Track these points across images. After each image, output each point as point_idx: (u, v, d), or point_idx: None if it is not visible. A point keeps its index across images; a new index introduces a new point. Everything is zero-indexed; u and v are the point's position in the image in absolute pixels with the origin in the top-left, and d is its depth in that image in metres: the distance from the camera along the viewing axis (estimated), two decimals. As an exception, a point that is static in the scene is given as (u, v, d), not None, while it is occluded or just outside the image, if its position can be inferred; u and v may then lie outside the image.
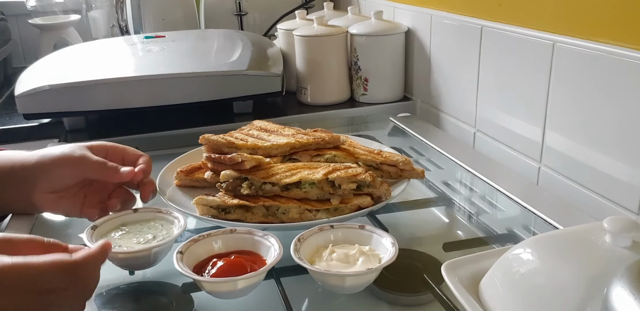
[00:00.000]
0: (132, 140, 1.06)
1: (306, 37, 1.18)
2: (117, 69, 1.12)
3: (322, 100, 1.22)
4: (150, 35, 1.32)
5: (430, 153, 0.98)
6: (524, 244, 0.52)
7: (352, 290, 0.60)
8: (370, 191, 0.72)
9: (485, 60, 0.95)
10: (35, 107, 1.05)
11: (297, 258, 0.59)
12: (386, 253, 0.60)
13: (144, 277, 0.66)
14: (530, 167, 0.88)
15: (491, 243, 0.73)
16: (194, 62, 1.14)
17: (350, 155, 0.80)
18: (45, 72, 1.12)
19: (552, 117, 0.82)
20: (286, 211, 0.70)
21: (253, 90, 1.11)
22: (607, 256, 0.46)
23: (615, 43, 0.70)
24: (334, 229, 0.64)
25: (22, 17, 1.71)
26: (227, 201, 0.70)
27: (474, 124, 1.02)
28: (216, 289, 0.58)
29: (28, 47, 1.75)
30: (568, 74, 0.78)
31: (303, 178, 0.70)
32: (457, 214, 0.82)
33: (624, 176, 0.71)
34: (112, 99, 1.06)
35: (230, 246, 0.63)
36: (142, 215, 0.70)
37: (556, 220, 0.71)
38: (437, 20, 1.09)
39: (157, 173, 0.81)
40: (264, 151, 0.80)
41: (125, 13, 1.51)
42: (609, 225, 0.47)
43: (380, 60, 1.18)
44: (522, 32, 0.85)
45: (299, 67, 1.22)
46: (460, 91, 1.05)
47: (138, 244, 0.64)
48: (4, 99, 1.34)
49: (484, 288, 0.52)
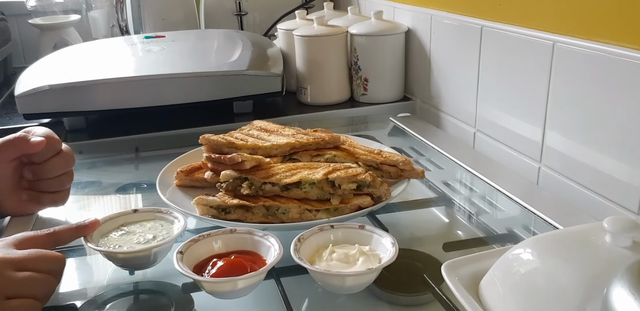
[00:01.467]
0: (132, 140, 1.07)
1: (306, 37, 1.18)
2: (117, 69, 1.12)
3: (322, 100, 1.22)
4: (150, 35, 1.32)
5: (430, 153, 0.98)
6: (524, 244, 0.52)
7: (352, 290, 0.60)
8: (370, 191, 0.72)
9: (485, 60, 0.95)
10: (35, 107, 1.05)
11: (297, 258, 0.59)
12: (386, 253, 0.60)
13: (144, 277, 0.66)
14: (530, 167, 0.88)
15: (491, 243, 0.73)
16: (194, 62, 1.14)
17: (350, 155, 0.80)
18: (45, 72, 1.12)
19: (552, 117, 0.82)
20: (286, 211, 0.70)
21: (253, 90, 1.11)
22: (607, 256, 0.46)
23: (615, 43, 0.70)
24: (334, 229, 0.64)
25: (22, 17, 1.71)
26: (227, 201, 0.70)
27: (474, 124, 1.02)
28: (216, 289, 0.58)
29: (28, 47, 1.75)
30: (568, 74, 0.78)
31: (303, 178, 0.70)
32: (457, 214, 0.82)
33: (624, 176, 0.71)
34: (112, 99, 1.06)
35: (230, 246, 0.63)
36: (142, 215, 0.69)
37: (556, 220, 0.71)
38: (437, 20, 1.09)
39: (157, 173, 0.81)
40: (264, 151, 0.80)
41: (125, 13, 1.51)
42: (609, 225, 0.47)
43: (380, 60, 1.18)
44: (522, 32, 0.85)
45: (299, 67, 1.22)
46: (460, 91, 1.05)
47: (138, 244, 0.64)
48: (4, 99, 1.34)
49: (484, 288, 0.52)
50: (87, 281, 0.70)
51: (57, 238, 0.62)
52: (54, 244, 0.62)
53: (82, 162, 0.78)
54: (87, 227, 0.64)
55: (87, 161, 1.00)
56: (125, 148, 1.05)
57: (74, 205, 0.82)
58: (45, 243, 0.61)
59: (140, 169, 1.00)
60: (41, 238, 0.61)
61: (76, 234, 0.63)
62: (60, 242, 0.63)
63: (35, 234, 0.61)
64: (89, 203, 0.87)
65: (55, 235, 0.62)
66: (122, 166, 1.03)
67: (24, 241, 0.59)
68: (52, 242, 0.62)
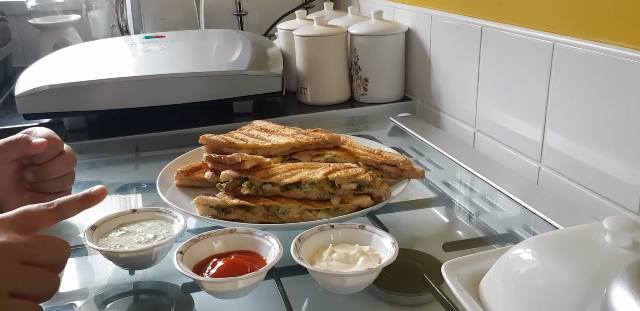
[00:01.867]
0: (132, 140, 1.07)
1: (306, 37, 1.18)
2: (117, 69, 1.12)
3: (322, 100, 1.22)
4: (150, 35, 1.32)
5: (430, 153, 0.98)
6: (524, 244, 0.52)
7: (352, 290, 0.60)
8: (370, 191, 0.72)
9: (485, 60, 0.95)
10: (35, 107, 1.05)
11: (297, 258, 0.59)
12: (386, 253, 0.60)
13: (144, 277, 0.66)
14: (530, 167, 0.88)
15: (491, 243, 0.73)
16: (194, 62, 1.14)
17: (350, 155, 0.80)
18: (45, 72, 1.12)
19: (552, 117, 0.82)
20: (286, 211, 0.70)
21: (253, 90, 1.11)
22: (607, 256, 0.46)
23: (615, 43, 0.70)
24: (334, 229, 0.64)
25: (22, 17, 1.71)
26: (227, 201, 0.70)
27: (474, 124, 1.02)
28: (216, 289, 0.58)
29: (28, 47, 1.75)
30: (568, 74, 0.78)
31: (303, 178, 0.70)
32: (457, 214, 0.82)
33: (624, 176, 0.71)
34: (112, 99, 1.06)
35: (230, 246, 0.63)
36: (142, 215, 0.69)
37: (556, 220, 0.71)
38: (437, 20, 1.09)
39: (157, 173, 0.81)
40: (264, 151, 0.80)
41: (125, 13, 1.51)
42: (609, 225, 0.47)
43: (380, 60, 1.18)
44: (522, 32, 0.85)
45: (299, 67, 1.22)
46: (460, 91, 1.05)
47: (139, 244, 0.64)
48: (4, 99, 1.34)
49: (484, 288, 0.52)
50: (87, 281, 0.70)
51: (61, 213, 0.57)
52: (59, 219, 0.57)
53: (82, 162, 0.78)
54: (93, 197, 0.59)
55: (87, 161, 1.00)
56: (125, 148, 1.05)
57: (74, 205, 0.81)
58: (49, 219, 0.56)
59: (140, 169, 1.00)
60: (43, 214, 0.56)
61: (82, 206, 0.58)
62: (65, 216, 0.57)
63: (38, 209, 0.56)
64: (89, 203, 0.87)
65: (59, 210, 0.56)
66: (122, 166, 1.03)
67: (25, 218, 0.55)
68: (57, 217, 0.57)
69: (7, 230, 0.53)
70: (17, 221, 0.54)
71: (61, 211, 0.57)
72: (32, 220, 0.55)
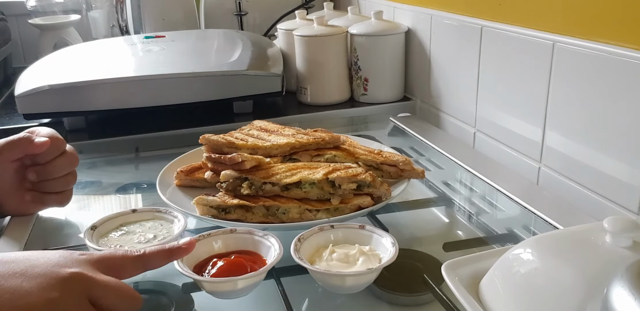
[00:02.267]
0: (132, 140, 1.07)
1: (306, 37, 1.18)
2: (117, 69, 1.12)
3: (322, 100, 1.22)
4: (150, 35, 1.32)
5: (430, 153, 0.98)
6: (524, 244, 0.52)
7: (352, 290, 0.60)
8: (370, 191, 0.72)
9: (485, 60, 0.95)
10: (35, 107, 1.05)
11: (297, 258, 0.59)
12: (386, 253, 0.60)
13: (144, 277, 0.66)
14: (530, 167, 0.88)
15: (491, 243, 0.73)
16: (194, 62, 1.14)
17: (350, 155, 0.80)
18: (45, 72, 1.12)
19: (552, 117, 0.82)
20: (286, 211, 0.70)
21: (253, 90, 1.11)
22: (607, 256, 0.46)
23: (615, 43, 0.70)
24: (334, 229, 0.64)
25: (22, 17, 1.71)
26: (227, 201, 0.70)
27: (474, 124, 1.02)
28: (216, 289, 0.58)
29: (28, 47, 1.75)
30: (568, 74, 0.78)
31: (303, 178, 0.70)
32: (457, 214, 0.82)
33: (624, 176, 0.71)
34: (112, 99, 1.06)
35: (230, 246, 0.63)
36: (141, 215, 0.70)
37: (556, 220, 0.71)
38: (437, 20, 1.09)
39: (157, 173, 0.81)
40: (264, 151, 0.80)
41: (125, 13, 1.51)
42: (609, 225, 0.47)
43: (380, 60, 1.18)
44: (522, 32, 0.85)
45: (299, 67, 1.22)
46: (460, 91, 1.05)
47: (140, 244, 0.64)
48: (4, 99, 1.34)
49: (484, 288, 0.52)
50: (87, 281, 0.70)
51: (146, 262, 0.55)
52: (143, 268, 0.55)
53: (82, 162, 0.78)
54: (181, 250, 0.57)
55: (87, 161, 1.00)
56: (125, 148, 1.05)
57: (74, 205, 0.81)
58: (133, 266, 0.54)
59: (140, 169, 1.00)
60: (129, 260, 0.54)
61: (168, 258, 0.56)
62: (150, 267, 0.55)
63: (124, 255, 0.54)
64: (89, 203, 0.87)
65: (145, 258, 0.55)
66: (122, 166, 1.03)
67: (110, 260, 0.53)
68: (141, 266, 0.55)
69: (92, 267, 0.51)
70: (102, 261, 0.52)
71: (148, 260, 0.55)
72: (117, 263, 0.53)
